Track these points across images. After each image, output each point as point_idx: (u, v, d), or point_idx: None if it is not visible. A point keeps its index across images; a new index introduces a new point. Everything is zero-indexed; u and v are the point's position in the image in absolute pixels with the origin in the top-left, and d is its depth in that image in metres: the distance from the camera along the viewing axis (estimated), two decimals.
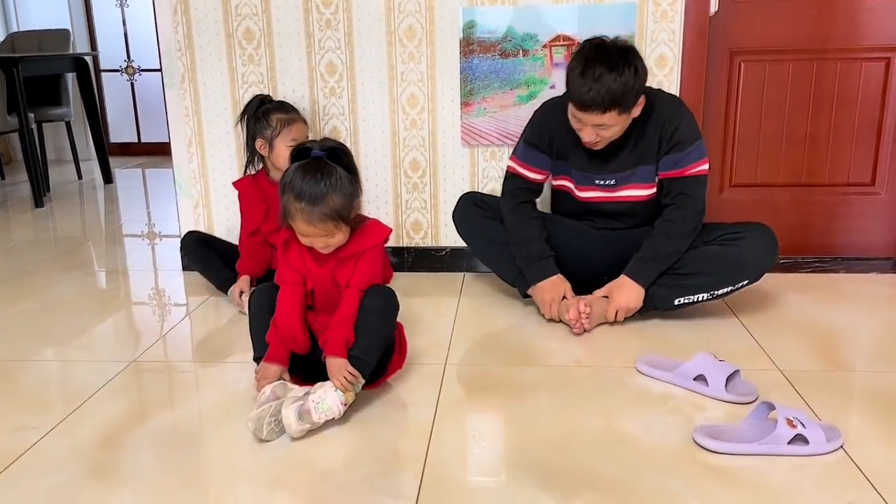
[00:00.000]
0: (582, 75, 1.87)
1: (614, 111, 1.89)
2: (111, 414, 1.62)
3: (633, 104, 1.92)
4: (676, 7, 2.34)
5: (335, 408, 1.49)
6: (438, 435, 1.51)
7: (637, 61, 1.90)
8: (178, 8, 2.45)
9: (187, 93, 2.52)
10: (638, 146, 2.05)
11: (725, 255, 2.00)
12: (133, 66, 5.50)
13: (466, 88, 2.44)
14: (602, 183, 2.10)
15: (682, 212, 2.02)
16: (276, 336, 1.61)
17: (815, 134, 2.52)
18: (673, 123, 2.01)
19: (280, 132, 2.23)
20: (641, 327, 2.07)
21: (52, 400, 1.71)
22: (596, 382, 1.74)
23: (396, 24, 2.41)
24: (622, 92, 1.86)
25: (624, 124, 1.97)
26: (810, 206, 2.57)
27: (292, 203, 1.54)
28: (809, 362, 1.84)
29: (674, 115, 2.02)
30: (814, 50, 2.45)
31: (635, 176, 2.07)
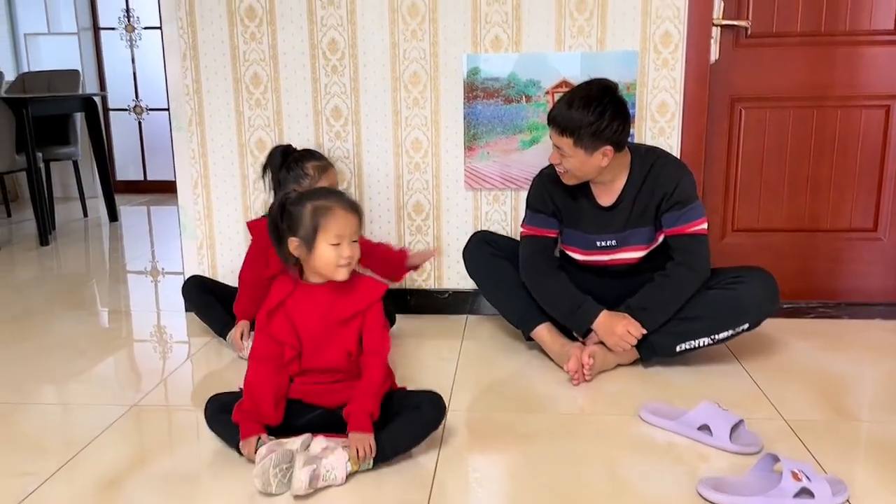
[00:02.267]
0: (563, 96, 1.99)
1: (570, 138, 1.93)
2: (111, 459, 1.61)
3: (590, 142, 1.93)
4: (677, 55, 2.37)
5: (341, 478, 1.48)
6: (440, 484, 1.49)
7: (610, 107, 1.92)
8: (187, 53, 2.49)
9: (194, 135, 2.56)
10: (635, 208, 2.06)
11: (725, 299, 2.00)
12: (141, 106, 5.58)
13: (470, 133, 2.47)
14: (603, 245, 2.11)
15: (684, 269, 2.01)
16: (244, 413, 1.58)
17: (817, 179, 2.53)
18: (673, 182, 2.02)
19: (319, 180, 2.13)
20: (644, 374, 2.06)
21: (51, 444, 1.69)
22: (599, 430, 1.73)
23: (401, 71, 2.45)
24: (579, 122, 1.91)
25: (583, 161, 1.96)
26: (813, 251, 2.58)
27: (326, 200, 1.57)
28: (814, 411, 1.83)
29: (674, 174, 2.04)
30: (814, 97, 2.48)
31: (633, 237, 2.08)
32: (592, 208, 2.10)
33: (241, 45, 2.47)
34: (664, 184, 2.02)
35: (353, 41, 2.44)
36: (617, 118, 1.92)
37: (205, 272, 2.65)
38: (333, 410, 1.62)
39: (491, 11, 2.38)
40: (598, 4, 2.35)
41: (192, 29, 2.47)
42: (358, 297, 1.63)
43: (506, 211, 2.54)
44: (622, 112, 1.94)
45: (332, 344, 1.62)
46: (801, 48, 2.46)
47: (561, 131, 1.94)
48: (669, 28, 2.35)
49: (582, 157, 1.96)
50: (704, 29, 2.38)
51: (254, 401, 1.58)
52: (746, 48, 2.47)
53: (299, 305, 1.62)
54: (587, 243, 2.12)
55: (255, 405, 1.58)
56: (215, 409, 1.64)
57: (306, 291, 1.62)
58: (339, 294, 1.62)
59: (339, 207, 1.58)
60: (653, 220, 2.07)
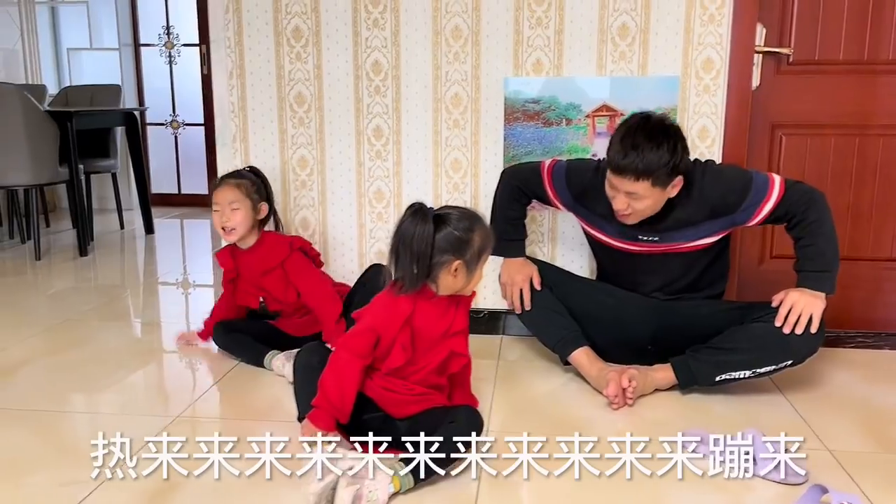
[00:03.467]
0: (621, 141, 1.92)
1: (647, 181, 1.90)
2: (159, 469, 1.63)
3: (667, 180, 1.92)
4: (719, 81, 2.38)
5: (383, 500, 1.49)
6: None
7: (678, 140, 1.92)
8: (233, 72, 2.54)
9: (238, 152, 2.60)
10: (684, 213, 2.04)
11: (769, 333, 1.97)
12: (178, 121, 5.68)
13: (509, 154, 2.49)
14: (645, 239, 2.11)
15: (806, 209, 1.96)
16: (326, 404, 1.61)
17: (858, 208, 2.52)
18: (724, 182, 2.02)
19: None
20: (684, 401, 2.05)
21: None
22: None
23: (443, 92, 2.48)
24: (657, 163, 1.88)
25: (657, 200, 1.96)
26: (853, 280, 2.55)
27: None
28: (859, 443, 1.80)
29: (714, 175, 2.03)
30: (856, 125, 2.47)
31: (682, 234, 2.07)
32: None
33: (287, 65, 2.52)
34: (709, 189, 2.00)
35: (397, 62, 2.48)
36: (685, 149, 1.93)
37: None
38: (394, 419, 1.65)
39: (533, 35, 2.41)
40: (640, 30, 2.37)
41: (239, 48, 2.53)
42: (462, 315, 1.71)
43: (542, 232, 2.54)
44: (680, 136, 1.94)
45: (437, 356, 1.67)
46: (843, 76, 2.46)
47: (637, 177, 1.89)
48: (711, 54, 2.36)
49: (658, 196, 1.95)
50: (747, 55, 2.38)
51: (341, 396, 1.61)
52: (788, 75, 2.47)
53: (424, 315, 1.66)
54: (627, 234, 2.11)
55: (340, 400, 1.61)
56: (305, 370, 1.75)
57: (433, 304, 1.66)
58: (454, 308, 1.69)
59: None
60: (706, 220, 2.04)
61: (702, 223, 2.06)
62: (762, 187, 2.00)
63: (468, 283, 1.66)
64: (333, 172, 2.58)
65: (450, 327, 1.68)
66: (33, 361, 2.35)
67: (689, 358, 2.05)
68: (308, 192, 2.60)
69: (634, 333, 2.17)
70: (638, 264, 2.15)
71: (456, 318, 1.69)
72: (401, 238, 1.60)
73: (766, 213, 2.01)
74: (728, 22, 2.34)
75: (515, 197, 2.25)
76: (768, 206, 2.00)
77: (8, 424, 1.90)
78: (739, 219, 2.05)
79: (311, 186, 2.60)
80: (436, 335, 1.67)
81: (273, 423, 1.89)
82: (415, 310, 1.65)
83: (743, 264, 2.54)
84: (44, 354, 2.43)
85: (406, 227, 1.60)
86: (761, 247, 2.57)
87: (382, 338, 1.65)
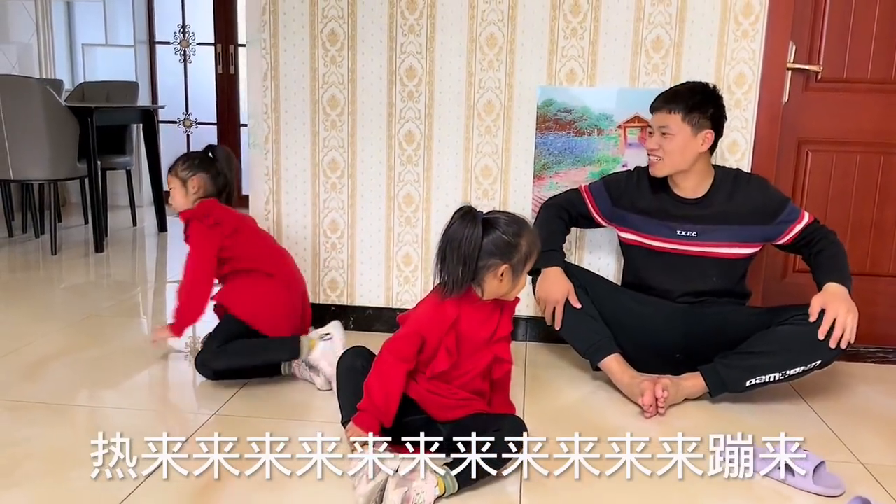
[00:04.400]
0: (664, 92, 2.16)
1: (678, 113, 2.07)
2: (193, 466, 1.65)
3: (698, 120, 2.08)
4: (751, 96, 2.41)
5: (429, 502, 1.50)
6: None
7: (715, 95, 2.12)
8: (268, 73, 2.56)
9: (269, 153, 2.61)
10: (729, 207, 2.15)
11: (798, 334, 1.99)
12: (190, 119, 5.68)
13: (540, 163, 2.51)
14: (682, 234, 2.17)
15: (828, 240, 2.10)
16: (372, 407, 1.62)
17: (881, 225, 2.55)
18: (766, 192, 2.17)
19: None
20: (714, 410, 2.07)
21: None
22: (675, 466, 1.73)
23: (476, 99, 2.50)
24: (688, 95, 2.09)
25: (686, 143, 2.09)
26: (874, 296, 2.59)
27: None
28: (891, 457, 1.83)
29: (762, 184, 2.19)
30: (882, 143, 2.51)
31: (723, 233, 2.14)
32: (673, 201, 2.19)
33: (321, 68, 2.54)
34: (758, 191, 2.16)
35: (431, 68, 2.50)
36: (719, 100, 2.12)
37: None
38: (437, 422, 1.67)
39: (568, 46, 2.44)
40: (674, 44, 2.40)
41: (274, 50, 2.54)
42: (506, 321, 1.72)
43: (571, 240, 2.57)
44: (721, 101, 2.13)
45: (482, 361, 1.69)
46: (870, 94, 2.49)
47: (669, 106, 2.09)
48: (744, 69, 2.39)
49: (687, 136, 2.08)
50: (779, 72, 2.42)
51: (386, 399, 1.62)
52: (816, 92, 2.50)
53: (469, 320, 1.67)
54: (664, 230, 2.18)
55: (385, 404, 1.62)
56: (349, 373, 1.75)
57: (478, 308, 1.68)
58: (498, 313, 1.70)
59: None
60: (750, 224, 2.14)
61: (739, 225, 2.14)
62: (796, 210, 2.16)
63: (513, 288, 1.68)
64: (364, 176, 2.59)
65: (494, 332, 1.70)
66: (59, 357, 2.35)
67: (717, 365, 2.07)
68: (338, 195, 2.62)
69: (663, 341, 2.19)
70: (673, 266, 2.19)
71: (500, 323, 1.71)
72: (448, 240, 1.62)
73: (796, 233, 2.13)
74: (761, 38, 2.38)
75: (558, 214, 2.30)
76: (799, 227, 2.13)
77: (44, 419, 1.91)
78: (773, 232, 2.13)
79: (341, 189, 2.61)
80: (480, 340, 1.69)
81: (314, 424, 1.91)
82: (460, 314, 1.66)
83: (767, 276, 2.57)
84: (69, 350, 2.43)
85: (455, 229, 1.61)
86: (784, 260, 2.60)
87: (427, 341, 1.66)
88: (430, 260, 2.61)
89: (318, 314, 2.67)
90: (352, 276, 2.67)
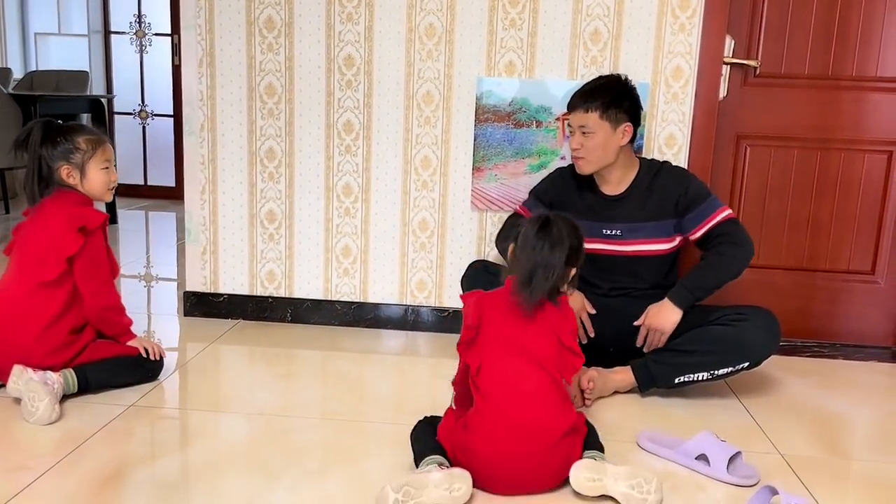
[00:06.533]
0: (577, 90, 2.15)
1: (595, 112, 2.06)
2: (107, 459, 1.60)
3: (615, 115, 2.08)
4: (687, 90, 2.41)
5: None
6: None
7: (629, 87, 2.12)
8: (203, 60, 2.51)
9: (205, 141, 2.57)
10: (648, 203, 2.14)
11: (727, 336, 2.00)
12: (146, 111, 5.60)
13: (479, 155, 2.50)
14: (609, 233, 2.17)
15: (728, 245, 2.07)
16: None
17: (818, 220, 2.57)
18: (683, 184, 2.14)
19: (94, 154, 1.98)
20: (642, 403, 2.07)
21: (48, 441, 1.69)
22: None
23: (415, 89, 2.48)
24: (604, 91, 2.08)
25: (607, 139, 2.09)
26: (811, 291, 2.61)
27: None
28: (810, 448, 1.84)
29: (682, 176, 2.19)
30: (818, 139, 2.52)
31: (645, 231, 2.14)
32: (598, 199, 2.19)
33: (258, 55, 2.50)
34: (676, 184, 2.14)
35: (370, 57, 2.47)
36: (633, 91, 2.12)
37: (206, 278, 2.65)
38: None
39: (507, 37, 2.42)
40: (612, 36, 2.40)
41: (210, 36, 2.50)
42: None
43: None
44: (636, 93, 2.13)
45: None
46: (807, 90, 2.51)
47: (587, 105, 2.07)
48: (681, 63, 2.40)
49: (607, 132, 2.08)
50: (715, 66, 2.42)
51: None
52: (754, 87, 2.52)
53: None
54: (591, 230, 2.13)
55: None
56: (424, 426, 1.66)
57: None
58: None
59: None
60: (665, 219, 2.13)
61: (657, 220, 2.14)
62: (714, 206, 2.12)
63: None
64: (302, 165, 2.56)
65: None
66: None
67: (648, 360, 2.07)
68: (275, 185, 2.58)
69: (597, 336, 2.18)
70: (602, 264, 2.17)
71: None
72: (542, 265, 1.57)
73: (708, 229, 2.11)
74: (698, 32, 2.38)
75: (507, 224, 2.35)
76: (712, 222, 2.11)
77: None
78: (686, 225, 2.14)
79: (278, 179, 2.57)
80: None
81: (227, 415, 1.86)
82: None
83: None
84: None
85: (546, 257, 1.57)
86: None
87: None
88: (369, 252, 2.59)
89: (257, 306, 2.64)
90: (290, 268, 2.63)
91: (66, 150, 1.95)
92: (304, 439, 1.76)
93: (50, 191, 1.97)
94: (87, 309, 1.95)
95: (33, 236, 1.94)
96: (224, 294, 2.65)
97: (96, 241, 1.96)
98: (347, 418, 1.89)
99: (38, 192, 1.96)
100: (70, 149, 1.95)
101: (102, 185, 2.01)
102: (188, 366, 2.22)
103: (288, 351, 2.41)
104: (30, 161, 1.95)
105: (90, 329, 1.98)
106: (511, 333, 1.58)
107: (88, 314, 1.95)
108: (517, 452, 1.48)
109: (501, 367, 1.55)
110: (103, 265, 1.99)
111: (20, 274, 1.93)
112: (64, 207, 1.94)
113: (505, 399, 1.52)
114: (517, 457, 1.49)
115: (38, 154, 1.94)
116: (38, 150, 1.94)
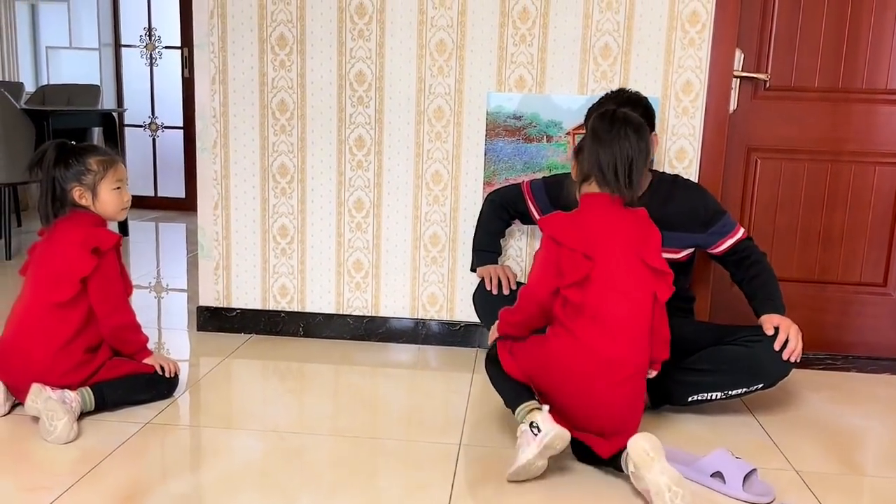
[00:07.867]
0: (596, 108, 2.11)
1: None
2: (124, 478, 1.62)
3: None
4: (698, 104, 2.42)
5: None
6: None
7: (647, 102, 2.11)
8: (216, 77, 2.54)
9: (218, 157, 2.59)
10: (663, 212, 2.07)
11: (742, 356, 1.99)
12: (156, 123, 5.63)
13: (490, 169, 2.51)
14: None
15: (759, 258, 2.12)
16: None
17: (829, 232, 2.57)
18: (703, 197, 2.16)
19: (105, 175, 2.00)
20: (656, 419, 2.07)
21: (65, 461, 1.70)
22: (610, 471, 1.73)
23: (426, 105, 2.49)
24: (632, 102, 2.07)
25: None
26: (822, 303, 2.60)
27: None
28: (825, 464, 1.83)
29: (699, 190, 2.19)
30: (829, 151, 2.52)
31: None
32: None
33: (270, 72, 2.52)
34: (695, 197, 2.15)
35: (381, 73, 2.49)
36: (645, 99, 2.12)
37: (219, 293, 2.67)
38: None
39: (517, 52, 2.44)
40: (622, 51, 2.41)
41: (223, 54, 2.52)
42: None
43: (521, 247, 2.56)
44: (646, 99, 2.14)
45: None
46: (818, 103, 2.51)
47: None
48: (691, 77, 2.40)
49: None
50: (725, 80, 2.43)
51: None
52: (764, 100, 2.52)
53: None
54: None
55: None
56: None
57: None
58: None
59: None
60: (680, 230, 2.10)
61: (670, 231, 2.08)
62: (731, 223, 2.14)
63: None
64: (314, 181, 2.57)
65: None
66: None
67: (662, 377, 2.06)
68: (287, 200, 2.60)
69: None
70: None
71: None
72: (634, 157, 1.71)
73: (728, 246, 2.13)
74: (708, 46, 2.39)
75: (497, 214, 2.37)
76: (731, 241, 2.12)
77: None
78: (708, 240, 2.14)
79: (290, 194, 2.59)
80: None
81: (242, 432, 1.88)
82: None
83: (715, 287, 2.57)
84: None
85: (628, 145, 1.70)
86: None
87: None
88: (380, 266, 2.60)
89: (269, 320, 2.66)
90: (301, 282, 2.64)
91: (77, 171, 1.97)
92: (317, 458, 1.76)
93: (64, 211, 1.99)
94: (103, 329, 1.96)
95: (47, 257, 1.96)
96: (237, 309, 2.67)
97: (110, 262, 1.97)
98: (360, 434, 1.89)
99: (53, 213, 1.98)
100: (82, 170, 1.97)
101: (115, 205, 2.02)
102: (202, 382, 2.24)
103: (300, 365, 2.42)
104: (44, 182, 1.98)
105: (106, 347, 1.99)
106: (619, 242, 1.72)
107: (104, 333, 1.97)
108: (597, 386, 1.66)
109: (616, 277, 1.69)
110: (117, 285, 2.00)
111: (35, 294, 1.95)
112: (77, 228, 1.96)
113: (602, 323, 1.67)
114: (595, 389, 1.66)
115: (51, 175, 1.96)
116: (51, 171, 1.96)
